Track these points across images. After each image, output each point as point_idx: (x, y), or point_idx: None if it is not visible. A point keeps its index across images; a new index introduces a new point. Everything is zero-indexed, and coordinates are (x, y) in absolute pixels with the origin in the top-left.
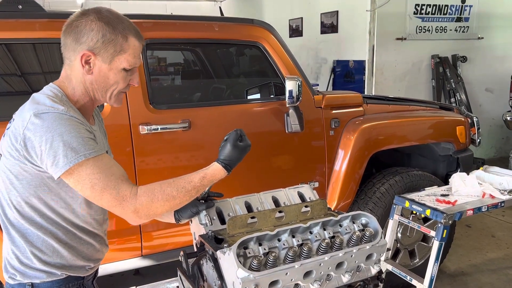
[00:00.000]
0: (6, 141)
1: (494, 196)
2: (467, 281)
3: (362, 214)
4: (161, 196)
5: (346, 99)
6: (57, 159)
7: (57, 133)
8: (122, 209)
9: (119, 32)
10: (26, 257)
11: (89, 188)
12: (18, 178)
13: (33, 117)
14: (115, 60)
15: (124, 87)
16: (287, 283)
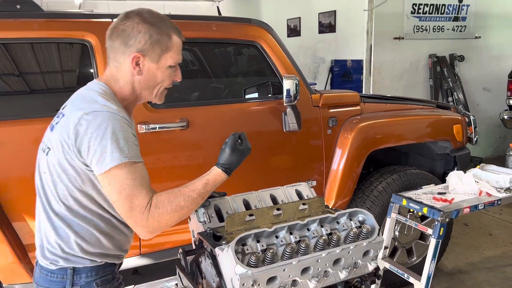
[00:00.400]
0: (56, 136)
1: (490, 194)
2: (464, 279)
3: (359, 211)
4: (170, 208)
5: (344, 98)
6: (104, 157)
7: (108, 132)
8: (134, 221)
9: (164, 32)
10: (69, 247)
11: (117, 192)
12: (65, 172)
13: (86, 114)
14: (162, 59)
15: (169, 83)
16: (285, 279)
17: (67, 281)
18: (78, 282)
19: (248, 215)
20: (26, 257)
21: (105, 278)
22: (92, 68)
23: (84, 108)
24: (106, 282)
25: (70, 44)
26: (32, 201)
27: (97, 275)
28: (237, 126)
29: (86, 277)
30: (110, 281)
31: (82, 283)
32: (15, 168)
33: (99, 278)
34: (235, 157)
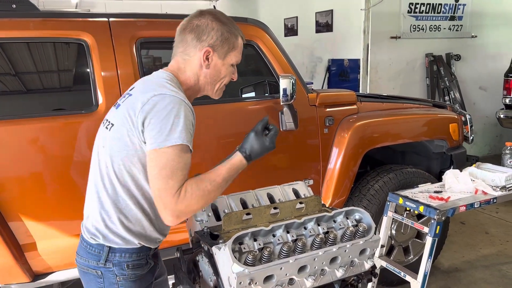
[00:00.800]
0: (121, 113)
1: (486, 193)
2: (461, 277)
3: (355, 209)
4: (198, 193)
5: (340, 97)
6: (161, 134)
7: (172, 114)
8: (163, 202)
9: (233, 31)
10: (112, 222)
11: (159, 169)
12: (125, 148)
13: (155, 96)
14: (228, 56)
15: (228, 80)
16: (282, 277)
17: (102, 256)
18: (111, 259)
19: (245, 214)
20: (23, 257)
21: (137, 262)
22: (88, 68)
23: (154, 90)
24: (137, 266)
25: (66, 44)
26: (28, 201)
27: (130, 257)
28: (234, 125)
29: (119, 257)
30: (141, 266)
31: (115, 262)
32: (11, 168)
33: (132, 261)
34: (256, 144)
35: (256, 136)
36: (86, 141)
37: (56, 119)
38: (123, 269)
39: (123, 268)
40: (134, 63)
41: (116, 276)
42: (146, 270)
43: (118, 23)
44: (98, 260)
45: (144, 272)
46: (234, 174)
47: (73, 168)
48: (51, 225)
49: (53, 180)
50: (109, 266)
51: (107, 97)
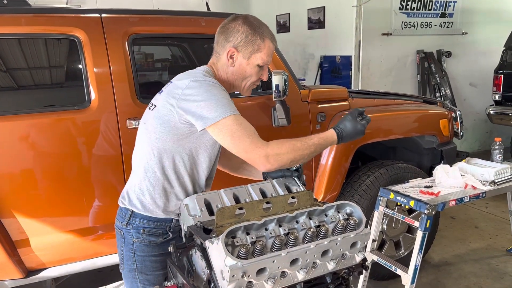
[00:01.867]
0: (163, 96)
1: (476, 187)
2: (451, 270)
3: (346, 203)
4: (288, 145)
5: (332, 93)
6: (210, 112)
7: (211, 93)
8: (254, 154)
9: (258, 34)
10: (140, 188)
11: (230, 136)
12: (163, 125)
13: (191, 82)
14: (252, 57)
15: (256, 80)
16: (274, 270)
17: (125, 219)
18: (132, 222)
19: (238, 209)
20: (16, 253)
21: (154, 230)
22: (80, 64)
23: (191, 77)
24: (153, 233)
25: (58, 40)
26: (21, 198)
27: (147, 224)
28: None
29: (138, 222)
30: (157, 234)
31: (134, 225)
32: (3, 165)
33: (148, 228)
34: (350, 126)
35: (352, 118)
36: (79, 137)
37: (49, 115)
38: (139, 232)
39: (139, 232)
40: (127, 59)
41: (133, 238)
42: (162, 239)
43: (111, 19)
44: (122, 222)
45: (159, 241)
46: (323, 144)
47: (65, 164)
48: (44, 221)
49: (46, 176)
50: (129, 228)
51: (99, 93)
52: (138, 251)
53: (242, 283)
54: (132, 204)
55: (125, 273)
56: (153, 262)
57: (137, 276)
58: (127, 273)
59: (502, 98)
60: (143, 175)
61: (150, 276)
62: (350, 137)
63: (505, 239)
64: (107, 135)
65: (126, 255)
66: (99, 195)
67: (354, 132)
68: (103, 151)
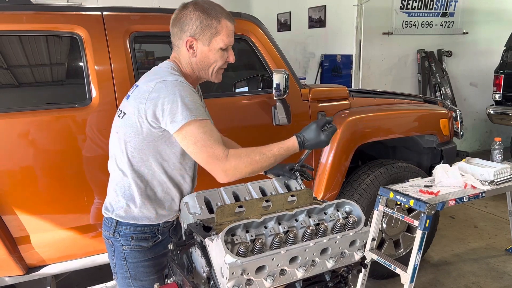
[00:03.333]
0: (131, 103)
1: (475, 187)
2: (450, 270)
3: (346, 202)
4: (246, 159)
5: (332, 92)
6: (176, 117)
7: (178, 95)
8: (214, 166)
9: (213, 17)
10: (120, 198)
11: (192, 144)
12: (136, 133)
13: (158, 83)
14: (213, 42)
15: (222, 64)
16: (274, 268)
17: (111, 228)
18: (119, 231)
19: (238, 207)
20: (16, 250)
21: (142, 235)
22: (81, 61)
23: (156, 78)
24: (142, 238)
25: (59, 37)
26: (21, 194)
27: (135, 230)
28: (227, 120)
29: (125, 229)
30: (146, 239)
31: (122, 233)
32: (4, 161)
33: (136, 234)
34: (313, 135)
35: (316, 128)
36: (80, 134)
37: (50, 113)
38: (128, 240)
39: (128, 239)
40: (128, 57)
41: (122, 245)
42: (152, 243)
43: (112, 17)
44: (109, 231)
45: (149, 244)
46: (284, 154)
47: (66, 162)
48: (44, 218)
49: (46, 174)
50: (117, 236)
51: (100, 91)
52: (129, 258)
53: (241, 280)
54: (116, 214)
55: (119, 282)
56: (146, 267)
57: (132, 283)
58: (121, 281)
59: (502, 98)
60: (123, 184)
61: (145, 281)
62: (312, 146)
63: (504, 239)
64: (108, 133)
65: (118, 264)
66: (99, 193)
67: (317, 142)
68: (104, 148)
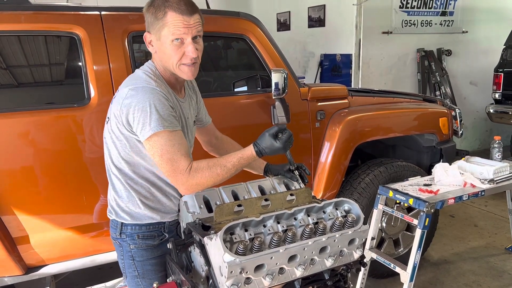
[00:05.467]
0: (112, 108)
1: (475, 185)
2: (450, 268)
3: (344, 200)
4: (207, 174)
5: (332, 92)
6: (145, 126)
7: (148, 104)
8: (177, 180)
9: (160, 10)
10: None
11: (158, 155)
12: (118, 139)
13: (130, 90)
14: (162, 36)
15: (179, 58)
16: (272, 267)
17: (117, 229)
18: (125, 231)
19: (237, 206)
20: (15, 250)
21: (148, 233)
22: (80, 61)
23: (130, 84)
24: (148, 237)
25: (58, 37)
26: (21, 194)
27: (140, 229)
28: (226, 119)
29: (131, 229)
30: (152, 237)
31: (128, 233)
32: (3, 162)
33: (142, 233)
34: (268, 143)
35: (269, 136)
36: (78, 134)
37: (48, 113)
38: (134, 239)
39: (134, 238)
40: (126, 56)
41: (129, 245)
42: (158, 241)
43: (110, 17)
44: (115, 232)
45: (156, 243)
46: (244, 163)
47: (65, 161)
48: (43, 218)
49: (46, 173)
50: (123, 237)
51: (99, 91)
52: (137, 257)
53: (240, 279)
54: (119, 216)
55: (128, 281)
56: (154, 265)
57: (140, 282)
58: (130, 280)
59: (502, 97)
60: (119, 188)
61: (153, 279)
62: (270, 153)
63: (504, 238)
64: None
65: (127, 263)
66: (98, 192)
67: (271, 148)
68: (103, 148)
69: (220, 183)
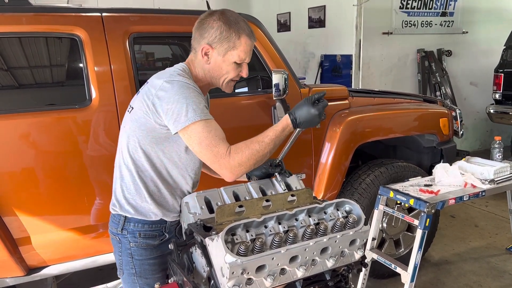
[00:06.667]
0: (139, 98)
1: (475, 186)
2: (451, 269)
3: (346, 201)
4: (247, 152)
5: (332, 92)
6: (180, 117)
7: (183, 96)
8: (219, 165)
9: (233, 31)
10: (128, 193)
11: (197, 143)
12: (140, 128)
13: (165, 83)
14: (228, 54)
15: (234, 77)
16: (274, 267)
17: (119, 224)
18: (127, 227)
19: (238, 207)
20: (17, 251)
21: (150, 232)
22: (81, 63)
23: (164, 77)
24: (149, 236)
25: (59, 39)
26: (22, 196)
27: (143, 227)
28: (227, 120)
29: (133, 226)
30: (153, 237)
31: (129, 230)
32: (4, 163)
33: (144, 231)
34: (304, 109)
35: (306, 102)
36: (80, 135)
37: (50, 114)
38: (136, 237)
39: (136, 236)
40: (127, 58)
41: (129, 242)
42: (159, 241)
43: (111, 18)
44: (117, 228)
45: (156, 243)
46: (280, 136)
47: (66, 163)
48: (45, 219)
49: (47, 175)
50: (125, 233)
51: (100, 92)
52: (136, 255)
53: (241, 280)
54: (124, 209)
55: (124, 278)
56: (152, 265)
57: (137, 280)
58: (126, 277)
59: (502, 97)
60: (129, 180)
61: (150, 279)
62: (306, 122)
63: (505, 238)
64: (108, 133)
65: (125, 260)
66: (99, 193)
67: (310, 117)
68: (104, 149)
69: (262, 162)
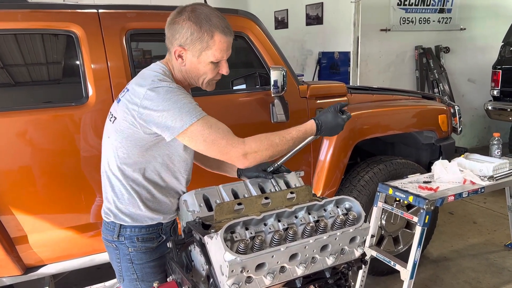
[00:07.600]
0: (122, 107)
1: (474, 182)
2: (449, 266)
3: (345, 198)
4: (266, 142)
5: (331, 89)
6: (175, 122)
7: (172, 102)
8: (233, 154)
9: (205, 30)
10: (121, 203)
11: (202, 142)
12: (128, 139)
13: (149, 91)
14: (202, 55)
15: (213, 76)
16: (273, 265)
17: (115, 231)
18: (123, 234)
19: (237, 204)
20: (14, 250)
21: (147, 236)
22: (77, 60)
23: (145, 84)
24: (147, 239)
25: (55, 36)
26: (19, 194)
27: (140, 232)
28: (225, 117)
29: (130, 232)
30: (151, 239)
31: (126, 236)
32: (1, 161)
33: (141, 235)
34: (332, 119)
35: (333, 110)
36: (76, 133)
37: (46, 112)
38: (134, 241)
39: (133, 241)
40: (124, 55)
41: (128, 248)
42: (157, 243)
43: (108, 15)
44: (112, 235)
45: (154, 245)
46: (302, 138)
47: (63, 161)
48: (42, 218)
49: (44, 173)
50: (122, 239)
51: (97, 89)
52: (136, 260)
53: (241, 278)
54: (119, 218)
55: (125, 285)
56: (153, 268)
57: (139, 285)
58: (127, 284)
59: (500, 94)
60: (119, 189)
61: (152, 282)
62: (329, 130)
63: (503, 234)
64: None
65: (124, 267)
66: (97, 191)
67: (335, 126)
68: (101, 147)
69: (277, 156)
